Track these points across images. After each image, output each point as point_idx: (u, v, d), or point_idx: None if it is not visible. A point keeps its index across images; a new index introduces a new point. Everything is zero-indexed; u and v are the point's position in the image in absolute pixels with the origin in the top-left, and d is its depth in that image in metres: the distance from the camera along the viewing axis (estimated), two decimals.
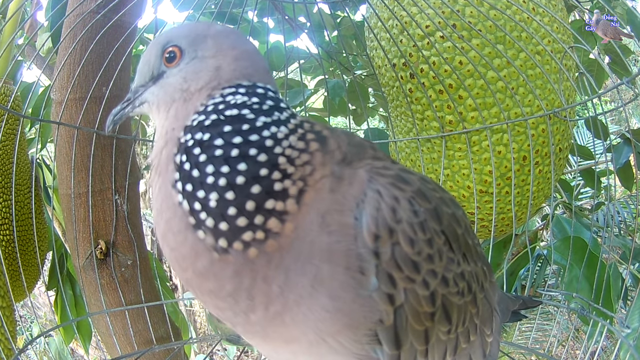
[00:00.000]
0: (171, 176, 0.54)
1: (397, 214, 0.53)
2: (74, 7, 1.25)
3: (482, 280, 0.66)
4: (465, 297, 0.61)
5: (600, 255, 1.25)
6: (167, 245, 0.54)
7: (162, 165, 0.56)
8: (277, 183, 0.51)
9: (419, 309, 0.55)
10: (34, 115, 1.58)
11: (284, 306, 0.51)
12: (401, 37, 1.26)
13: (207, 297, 0.54)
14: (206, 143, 0.52)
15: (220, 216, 0.50)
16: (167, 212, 0.53)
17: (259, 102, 0.56)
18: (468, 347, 0.63)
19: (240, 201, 0.50)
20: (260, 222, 0.50)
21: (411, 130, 1.34)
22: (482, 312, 0.66)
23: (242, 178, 0.50)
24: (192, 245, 0.51)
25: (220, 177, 0.50)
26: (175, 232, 0.52)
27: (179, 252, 0.53)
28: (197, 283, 0.53)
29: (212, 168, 0.51)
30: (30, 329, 3.87)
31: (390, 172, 0.56)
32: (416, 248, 0.54)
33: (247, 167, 0.51)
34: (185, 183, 0.52)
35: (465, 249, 0.62)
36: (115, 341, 1.28)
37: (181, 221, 0.52)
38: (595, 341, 1.12)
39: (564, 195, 1.85)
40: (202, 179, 0.51)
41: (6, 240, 1.24)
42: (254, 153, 0.52)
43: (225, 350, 3.28)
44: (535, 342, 2.44)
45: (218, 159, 0.51)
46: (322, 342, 0.53)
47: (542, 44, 1.20)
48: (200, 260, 0.51)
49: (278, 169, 0.52)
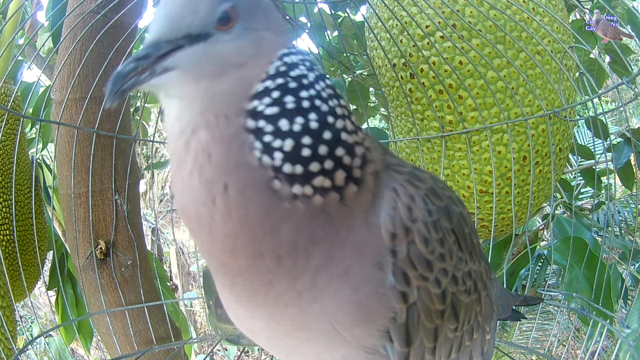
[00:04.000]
0: (246, 142, 0.50)
1: (413, 213, 0.54)
2: (74, 7, 1.25)
3: (484, 278, 0.67)
4: (472, 296, 0.62)
5: (601, 256, 1.25)
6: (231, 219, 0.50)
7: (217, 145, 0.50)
8: (343, 132, 0.52)
9: (430, 307, 0.55)
10: (34, 115, 1.58)
11: (307, 289, 0.52)
12: (401, 37, 1.26)
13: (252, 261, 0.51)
14: (277, 101, 0.51)
15: (296, 158, 0.50)
16: (237, 184, 0.50)
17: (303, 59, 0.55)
18: (470, 344, 0.64)
19: (315, 144, 0.50)
20: (329, 166, 0.50)
21: (411, 130, 1.34)
22: (485, 310, 0.67)
23: (315, 123, 0.51)
24: (266, 203, 0.50)
25: (295, 124, 0.50)
26: (251, 196, 0.50)
27: (248, 218, 0.50)
28: (251, 247, 0.51)
29: (286, 120, 0.51)
30: (30, 329, 3.87)
31: (405, 170, 0.57)
32: (430, 247, 0.54)
33: (317, 117, 0.51)
34: (262, 137, 0.50)
35: (471, 247, 0.63)
36: (115, 341, 1.28)
37: (259, 181, 0.50)
38: (596, 341, 1.12)
39: (564, 195, 1.85)
40: (278, 129, 0.50)
41: (6, 240, 1.24)
42: (319, 103, 0.52)
43: (226, 350, 3.28)
44: (536, 341, 2.43)
45: (291, 111, 0.51)
46: (334, 332, 0.53)
47: (542, 44, 1.20)
48: (270, 218, 0.50)
49: (338, 117, 0.53)
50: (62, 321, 1.51)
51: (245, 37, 0.52)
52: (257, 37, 0.53)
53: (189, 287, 4.50)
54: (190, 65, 0.49)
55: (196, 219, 0.52)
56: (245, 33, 0.52)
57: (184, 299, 1.77)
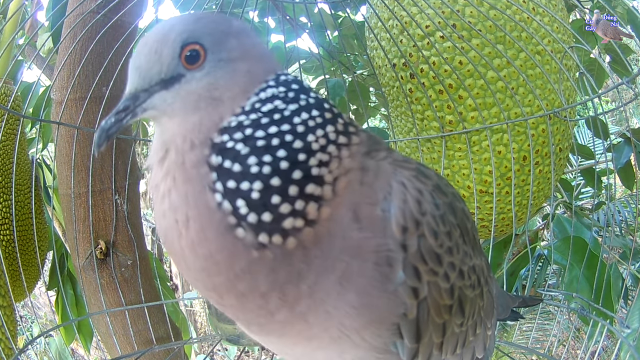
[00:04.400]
0: (206, 179, 0.50)
1: (422, 206, 0.54)
2: (74, 7, 1.25)
3: (486, 274, 0.67)
4: (475, 290, 0.62)
5: (601, 255, 1.25)
6: (195, 257, 0.50)
7: (182, 171, 0.51)
8: (314, 168, 0.50)
9: (440, 302, 0.55)
10: (34, 115, 1.58)
11: (309, 306, 0.51)
12: (401, 37, 1.26)
13: (235, 301, 0.52)
14: (247, 139, 0.50)
15: (263, 206, 0.48)
16: (197, 220, 0.50)
17: (285, 90, 0.54)
18: (474, 340, 0.65)
19: (284, 187, 0.49)
20: (300, 207, 0.49)
21: (411, 130, 1.34)
22: (487, 305, 0.67)
23: (285, 163, 0.49)
24: (229, 248, 0.49)
25: (264, 165, 0.49)
26: (212, 238, 0.49)
27: (211, 260, 0.50)
28: (227, 288, 0.51)
29: (254, 159, 0.49)
30: (30, 329, 3.87)
31: (411, 166, 0.57)
32: (439, 240, 0.55)
33: (287, 154, 0.50)
34: (225, 180, 0.49)
35: (473, 243, 0.63)
36: (115, 341, 1.28)
37: (219, 224, 0.49)
38: (596, 341, 1.12)
39: (564, 195, 1.85)
40: (245, 170, 0.49)
41: (6, 240, 1.24)
42: (290, 139, 0.50)
43: (226, 350, 3.28)
44: (536, 341, 2.43)
45: (259, 149, 0.50)
46: (344, 337, 0.53)
47: (542, 44, 1.20)
48: (238, 263, 0.49)
49: (313, 155, 0.51)
50: (62, 321, 1.51)
51: (219, 71, 0.52)
52: (231, 69, 0.53)
53: (189, 287, 4.49)
54: (165, 105, 0.52)
55: (170, 248, 0.52)
56: (218, 66, 0.52)
57: (184, 299, 1.77)
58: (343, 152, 0.53)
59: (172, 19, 0.54)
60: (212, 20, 0.55)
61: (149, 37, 0.53)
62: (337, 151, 0.52)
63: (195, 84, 0.52)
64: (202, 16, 0.55)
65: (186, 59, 0.51)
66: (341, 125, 0.54)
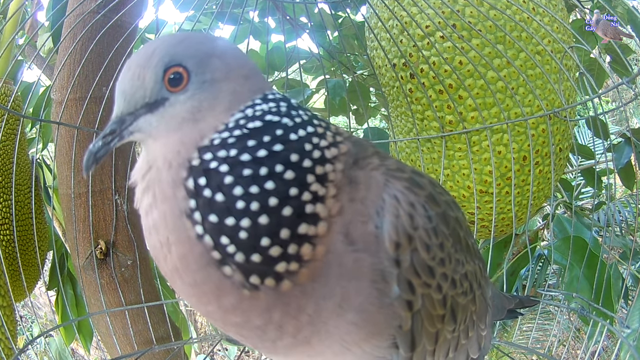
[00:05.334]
0: (182, 205, 0.47)
1: (415, 221, 0.53)
2: (74, 7, 1.25)
3: (479, 277, 0.67)
4: (468, 297, 0.62)
5: (601, 255, 1.25)
6: (182, 282, 0.48)
7: (159, 190, 0.49)
8: (308, 205, 0.47)
9: (432, 312, 0.56)
10: (34, 115, 1.58)
11: (311, 332, 0.51)
12: (401, 37, 1.26)
13: (232, 328, 0.51)
14: (232, 161, 0.47)
15: (253, 248, 0.45)
16: (178, 246, 0.47)
17: (276, 106, 0.52)
18: (466, 342, 0.65)
19: (274, 228, 0.45)
20: (294, 251, 0.46)
21: (411, 130, 1.34)
22: (479, 309, 0.68)
23: (275, 200, 0.45)
24: (216, 282, 0.46)
25: (252, 200, 0.45)
26: (194, 269, 0.47)
27: (199, 289, 0.47)
28: (220, 316, 0.50)
29: (240, 190, 0.45)
30: (30, 329, 3.87)
31: (404, 175, 0.56)
32: (431, 253, 0.54)
33: (275, 187, 0.46)
34: (206, 213, 0.46)
35: (466, 249, 0.63)
36: (115, 341, 1.28)
37: (201, 257, 0.46)
38: (596, 341, 1.12)
39: (564, 194, 1.85)
40: (230, 204, 0.45)
41: (6, 240, 1.24)
42: (280, 169, 0.47)
43: (226, 350, 3.28)
44: (536, 341, 2.43)
45: (246, 179, 0.46)
46: (346, 351, 0.54)
47: (542, 44, 1.20)
48: (227, 298, 0.47)
49: (308, 189, 0.47)
50: (62, 321, 1.51)
51: (203, 93, 0.51)
52: (215, 90, 0.51)
53: None
54: (150, 128, 0.51)
55: (159, 266, 0.51)
56: (202, 88, 0.51)
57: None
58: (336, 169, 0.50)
59: (155, 41, 0.53)
60: (195, 42, 0.54)
61: (132, 61, 0.52)
62: (334, 175, 0.50)
63: (179, 107, 0.51)
64: (185, 37, 0.54)
65: (169, 82, 0.50)
66: (331, 137, 0.52)
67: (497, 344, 1.29)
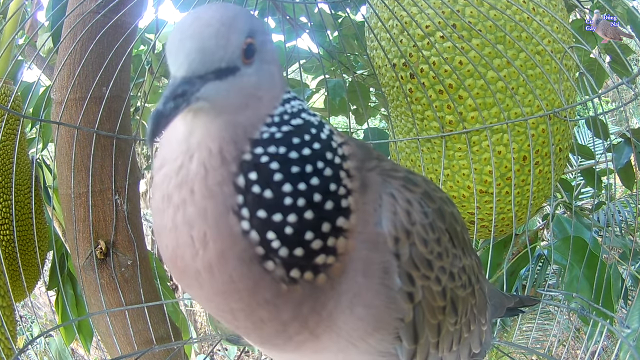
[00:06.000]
0: (229, 201, 0.46)
1: (412, 216, 0.55)
2: (74, 7, 1.25)
3: (476, 272, 0.69)
4: (467, 289, 0.64)
5: (601, 255, 1.25)
6: (212, 280, 0.47)
7: (203, 185, 0.46)
8: (343, 199, 0.49)
9: (433, 304, 0.57)
10: (34, 115, 1.58)
11: (326, 327, 0.52)
12: (401, 37, 1.26)
13: (253, 325, 0.50)
14: (281, 158, 0.47)
15: (297, 242, 0.46)
16: (218, 242, 0.46)
17: (300, 103, 0.52)
18: (469, 336, 0.67)
19: (317, 222, 0.47)
20: (332, 244, 0.48)
21: (411, 130, 1.34)
22: (479, 303, 0.69)
23: (319, 195, 0.47)
24: (255, 278, 0.46)
25: (299, 196, 0.46)
26: (233, 266, 0.46)
27: (233, 286, 0.47)
28: (248, 313, 0.49)
29: (290, 187, 0.46)
30: (30, 329, 3.87)
31: (400, 174, 0.58)
32: (429, 247, 0.56)
33: (319, 183, 0.47)
34: (255, 209, 0.46)
35: (463, 244, 0.65)
36: (115, 341, 1.28)
37: (244, 253, 0.46)
38: (596, 341, 1.12)
39: (564, 195, 1.85)
40: (279, 200, 0.46)
41: (6, 240, 1.24)
42: (322, 166, 0.48)
43: (226, 350, 3.28)
44: (536, 341, 2.43)
45: (294, 176, 0.46)
46: (351, 346, 0.54)
47: (542, 44, 1.20)
48: (263, 294, 0.47)
49: (342, 184, 0.49)
50: (62, 321, 1.50)
51: (262, 71, 0.49)
52: (270, 71, 0.51)
53: None
54: (217, 98, 0.46)
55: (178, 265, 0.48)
56: (261, 67, 0.49)
57: (184, 299, 1.77)
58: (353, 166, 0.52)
59: (228, 5, 0.48)
60: (257, 18, 0.51)
61: (212, 17, 0.45)
62: (355, 171, 0.51)
63: (247, 80, 0.48)
64: (250, 14, 0.50)
65: (245, 51, 0.47)
66: (338, 137, 0.53)
67: (497, 344, 1.29)
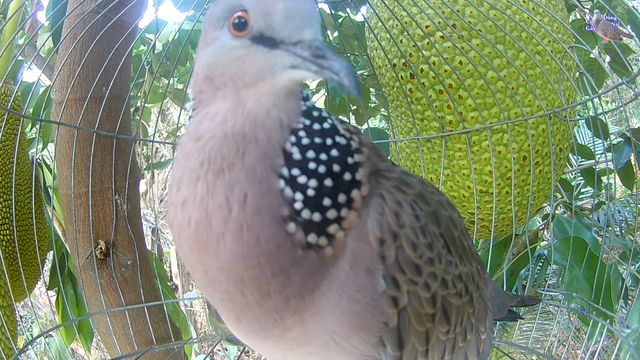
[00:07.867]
0: (275, 161, 0.50)
1: (400, 219, 0.54)
2: (74, 7, 1.25)
3: (477, 280, 0.67)
4: (463, 298, 0.62)
5: (601, 255, 1.25)
6: (240, 241, 0.49)
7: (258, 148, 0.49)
8: (357, 173, 0.52)
9: (420, 311, 0.56)
10: (34, 115, 1.58)
11: (313, 313, 0.52)
12: (401, 37, 1.26)
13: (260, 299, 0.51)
14: (309, 129, 0.52)
15: (315, 207, 0.49)
16: (258, 199, 0.48)
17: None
18: (465, 345, 0.65)
19: (334, 191, 0.50)
20: (345, 214, 0.51)
21: (411, 130, 1.34)
22: (478, 311, 0.67)
23: (338, 166, 0.51)
24: (278, 241, 0.49)
25: (320, 164, 0.50)
26: (267, 223, 0.48)
27: (257, 249, 0.48)
28: (260, 283, 0.50)
29: (313, 153, 0.50)
30: (30, 329, 3.87)
31: (393, 175, 0.57)
32: (418, 252, 0.55)
33: (338, 155, 0.51)
34: (291, 168, 0.50)
35: (461, 251, 0.63)
36: (115, 341, 1.28)
37: (276, 211, 0.49)
38: (596, 341, 1.12)
39: (564, 195, 1.85)
40: (304, 164, 0.50)
41: (6, 240, 1.24)
42: (340, 140, 0.52)
43: (226, 350, 3.28)
44: (536, 341, 2.43)
45: (318, 145, 0.51)
46: (333, 343, 0.54)
47: (542, 44, 1.20)
48: (281, 259, 0.49)
49: (353, 157, 0.53)
50: (62, 321, 1.51)
51: None
52: None
53: (189, 287, 4.49)
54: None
55: (202, 235, 0.50)
56: None
57: (184, 299, 1.77)
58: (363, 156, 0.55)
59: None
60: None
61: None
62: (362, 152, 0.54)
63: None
64: None
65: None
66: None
67: (497, 344, 1.29)
